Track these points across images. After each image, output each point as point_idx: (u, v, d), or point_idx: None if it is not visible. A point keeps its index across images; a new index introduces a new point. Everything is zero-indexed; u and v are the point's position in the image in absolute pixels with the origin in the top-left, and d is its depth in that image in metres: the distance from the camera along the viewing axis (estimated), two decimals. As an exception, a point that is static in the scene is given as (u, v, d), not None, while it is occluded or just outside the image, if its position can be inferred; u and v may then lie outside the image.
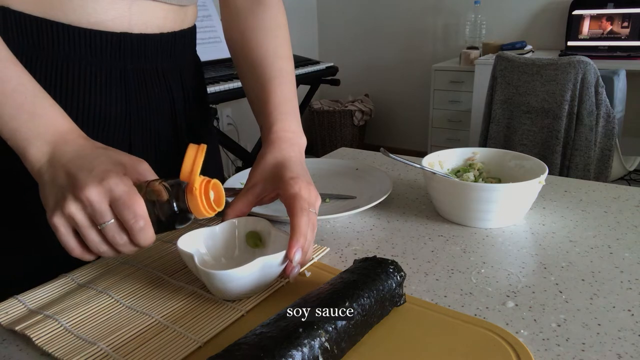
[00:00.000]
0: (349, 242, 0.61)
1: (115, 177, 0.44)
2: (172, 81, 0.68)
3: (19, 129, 0.46)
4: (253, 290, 0.48)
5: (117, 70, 0.60)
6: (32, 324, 0.45)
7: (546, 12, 3.09)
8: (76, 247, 0.45)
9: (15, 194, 0.57)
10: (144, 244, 0.45)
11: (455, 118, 3.23)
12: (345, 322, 0.38)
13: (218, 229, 0.54)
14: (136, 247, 0.46)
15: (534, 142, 2.12)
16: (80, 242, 0.46)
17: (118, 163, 0.46)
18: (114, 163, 0.46)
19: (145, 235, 0.45)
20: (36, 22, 0.54)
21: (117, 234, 0.45)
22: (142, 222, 0.44)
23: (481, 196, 0.61)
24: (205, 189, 0.47)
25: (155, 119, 0.67)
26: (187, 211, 0.46)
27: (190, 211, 0.47)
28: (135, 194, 0.44)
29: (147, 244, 0.45)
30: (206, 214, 0.47)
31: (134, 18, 0.59)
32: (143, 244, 0.45)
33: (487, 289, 0.50)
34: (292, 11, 3.73)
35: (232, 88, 2.00)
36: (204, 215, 0.47)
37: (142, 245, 0.45)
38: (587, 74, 1.92)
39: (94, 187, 0.43)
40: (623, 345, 0.41)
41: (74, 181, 0.43)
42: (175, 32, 0.66)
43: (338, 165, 0.85)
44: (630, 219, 0.65)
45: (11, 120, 0.45)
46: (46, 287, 0.52)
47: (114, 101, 0.61)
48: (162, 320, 0.45)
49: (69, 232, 0.45)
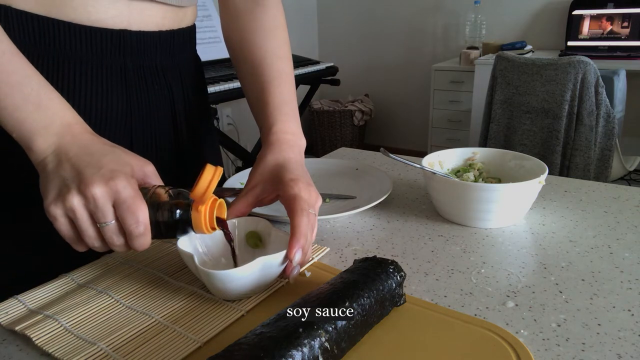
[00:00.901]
0: (349, 242, 0.61)
1: (123, 179, 0.44)
2: (171, 79, 0.68)
3: (24, 120, 0.46)
4: (253, 290, 0.48)
5: (117, 67, 0.61)
6: (32, 324, 0.45)
7: (546, 12, 3.09)
8: (71, 237, 0.46)
9: (16, 187, 0.58)
10: (139, 249, 0.46)
11: (455, 118, 3.22)
12: (345, 322, 0.38)
13: None
14: (130, 250, 0.47)
15: (534, 142, 2.12)
16: (75, 232, 0.46)
17: (126, 163, 0.46)
18: (122, 163, 0.46)
19: (143, 241, 0.45)
20: (38, 20, 0.54)
21: (115, 235, 0.45)
22: (142, 228, 0.44)
23: (481, 196, 0.61)
24: (211, 209, 0.47)
25: (156, 117, 0.67)
26: (188, 224, 0.47)
27: (191, 225, 0.47)
28: (140, 200, 0.44)
29: (142, 249, 0.46)
30: (206, 232, 0.47)
31: (132, 16, 0.59)
32: (138, 249, 0.46)
33: (487, 289, 0.50)
34: (292, 11, 3.73)
35: (232, 88, 2.00)
36: (204, 232, 0.47)
37: (136, 249, 0.46)
38: (587, 74, 1.92)
39: (101, 185, 0.43)
40: (623, 345, 0.41)
41: (80, 176, 0.44)
42: (174, 31, 0.66)
43: (338, 165, 0.85)
44: (630, 219, 0.65)
45: (16, 111, 0.45)
46: (46, 287, 0.52)
47: (115, 99, 0.61)
48: (162, 320, 0.45)
49: (66, 223, 0.45)
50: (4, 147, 0.52)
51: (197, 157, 0.76)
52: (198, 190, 0.45)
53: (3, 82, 0.45)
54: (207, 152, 0.79)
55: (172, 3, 0.63)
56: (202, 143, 0.78)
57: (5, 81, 0.45)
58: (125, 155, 0.47)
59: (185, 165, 0.73)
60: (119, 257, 0.57)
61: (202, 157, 0.77)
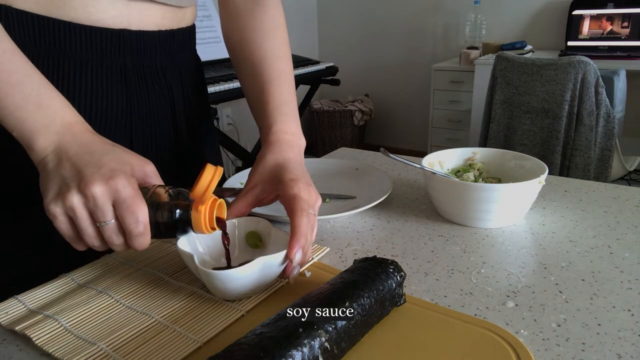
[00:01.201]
0: (349, 242, 0.61)
1: (123, 178, 0.44)
2: (171, 79, 0.68)
3: (25, 119, 0.46)
4: (253, 290, 0.48)
5: (117, 67, 0.61)
6: (32, 324, 0.45)
7: (546, 12, 3.09)
8: (71, 235, 0.46)
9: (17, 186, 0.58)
10: (139, 248, 0.46)
11: (455, 118, 3.22)
12: (345, 322, 0.38)
13: None
14: (129, 249, 0.47)
15: (534, 142, 2.12)
16: (75, 231, 0.46)
17: (126, 163, 0.46)
18: (122, 162, 0.46)
19: (143, 240, 0.45)
20: (38, 20, 0.54)
21: (114, 234, 0.45)
22: (142, 228, 0.44)
23: (481, 196, 0.61)
24: (211, 209, 0.47)
25: (156, 117, 0.67)
26: (188, 224, 0.47)
27: (191, 225, 0.47)
28: (140, 199, 0.44)
29: (141, 249, 0.46)
30: (205, 232, 0.47)
31: (132, 16, 0.60)
32: (138, 249, 0.46)
33: (487, 289, 0.50)
34: (292, 11, 3.73)
35: (232, 88, 2.00)
36: (203, 232, 0.47)
37: (136, 249, 0.46)
38: (587, 74, 1.92)
39: (101, 184, 0.43)
40: (623, 345, 0.41)
41: (80, 175, 0.43)
42: (174, 30, 0.66)
43: (338, 165, 0.85)
44: (630, 219, 0.65)
45: (17, 111, 0.45)
46: (46, 287, 0.52)
47: (115, 99, 0.61)
48: (162, 320, 0.45)
49: (65, 221, 0.45)
50: (5, 146, 0.52)
51: (197, 157, 0.76)
52: (198, 190, 0.45)
53: (4, 81, 0.45)
54: (207, 152, 0.79)
55: (171, 3, 0.63)
56: (202, 143, 0.78)
57: (5, 80, 0.45)
58: (125, 154, 0.47)
59: (185, 165, 0.73)
60: (119, 257, 0.57)
61: (202, 157, 0.77)
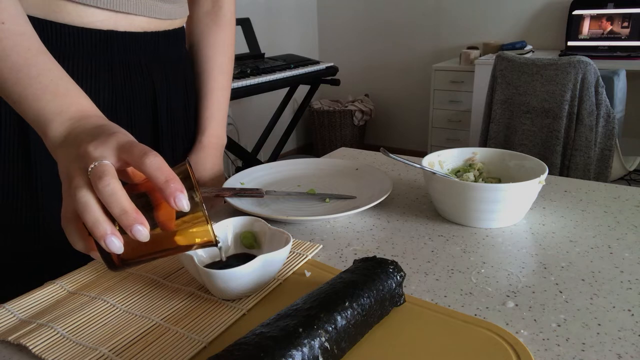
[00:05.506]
0: (349, 242, 0.61)
1: (140, 144, 0.42)
2: (155, 75, 0.71)
3: (43, 108, 0.47)
4: (253, 289, 0.48)
5: (104, 63, 0.64)
6: (26, 333, 0.43)
7: (546, 12, 3.09)
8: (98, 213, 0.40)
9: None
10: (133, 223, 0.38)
11: (455, 118, 3.22)
12: (345, 322, 0.38)
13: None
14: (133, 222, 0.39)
15: (534, 142, 2.12)
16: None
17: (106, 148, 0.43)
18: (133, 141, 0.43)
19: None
20: (36, 22, 0.57)
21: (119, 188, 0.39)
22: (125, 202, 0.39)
23: (481, 196, 0.61)
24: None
25: (137, 110, 0.69)
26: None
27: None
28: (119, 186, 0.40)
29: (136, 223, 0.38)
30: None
31: (119, 20, 0.64)
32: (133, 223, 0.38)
33: (487, 289, 0.50)
34: (292, 11, 3.73)
35: (232, 88, 2.00)
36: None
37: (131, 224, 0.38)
38: (587, 74, 1.92)
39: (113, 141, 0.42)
40: (623, 345, 0.41)
41: (96, 136, 0.42)
42: (159, 32, 0.70)
43: (338, 165, 0.85)
44: (630, 219, 0.65)
45: (35, 101, 0.47)
46: (35, 294, 0.50)
47: (102, 92, 0.64)
48: (163, 322, 0.45)
49: (95, 203, 0.39)
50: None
51: (175, 150, 0.78)
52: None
53: (26, 75, 0.47)
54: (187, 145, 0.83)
55: (160, 17, 0.68)
56: (184, 136, 0.80)
57: (27, 74, 0.47)
58: (110, 138, 0.43)
59: (164, 154, 0.73)
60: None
61: (181, 150, 0.80)
